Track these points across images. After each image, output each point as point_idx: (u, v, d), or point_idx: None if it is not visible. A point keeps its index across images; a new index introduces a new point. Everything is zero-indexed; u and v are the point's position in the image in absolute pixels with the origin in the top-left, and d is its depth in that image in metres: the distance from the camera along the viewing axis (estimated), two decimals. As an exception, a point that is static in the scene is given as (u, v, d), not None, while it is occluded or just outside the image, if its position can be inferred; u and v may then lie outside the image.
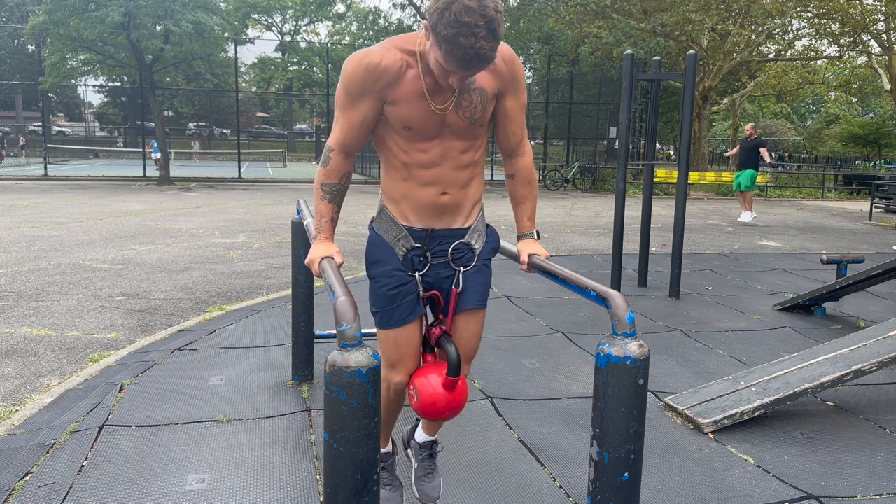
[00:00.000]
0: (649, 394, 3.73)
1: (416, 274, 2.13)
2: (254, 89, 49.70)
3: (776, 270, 7.97)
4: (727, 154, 15.39)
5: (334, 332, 1.97)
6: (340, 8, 34.36)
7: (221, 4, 22.81)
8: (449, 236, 2.14)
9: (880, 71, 24.49)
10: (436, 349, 2.24)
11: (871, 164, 36.29)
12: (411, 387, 2.16)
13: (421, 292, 2.14)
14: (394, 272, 2.11)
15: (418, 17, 26.47)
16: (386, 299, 2.13)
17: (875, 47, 24.28)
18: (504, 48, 2.02)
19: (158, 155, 24.79)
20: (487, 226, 2.28)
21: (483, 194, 2.23)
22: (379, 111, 2.00)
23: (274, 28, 50.11)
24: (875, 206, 15.43)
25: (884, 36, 22.69)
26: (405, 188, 2.07)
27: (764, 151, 12.95)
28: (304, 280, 3.82)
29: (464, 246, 2.16)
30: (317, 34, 51.36)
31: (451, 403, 2.10)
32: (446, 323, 2.18)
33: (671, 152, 48.36)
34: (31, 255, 7.88)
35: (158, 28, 18.66)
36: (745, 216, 13.24)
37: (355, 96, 1.96)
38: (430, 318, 2.22)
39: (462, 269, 2.16)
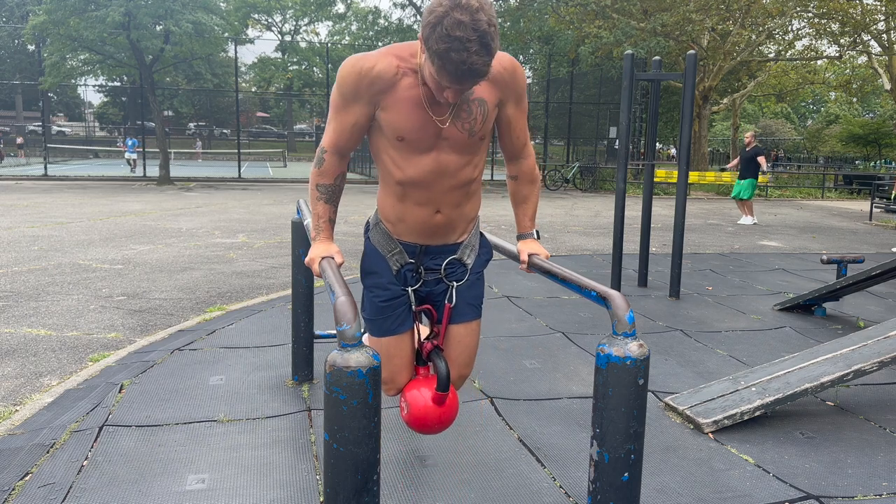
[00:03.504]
0: (649, 394, 3.73)
1: (409, 289, 2.14)
2: (254, 89, 49.65)
3: (776, 270, 7.97)
4: (728, 166, 15.40)
5: (334, 332, 1.97)
6: (340, 8, 34.34)
7: (221, 4, 22.78)
8: (442, 252, 2.14)
9: (880, 71, 24.48)
10: (428, 363, 2.25)
11: (872, 164, 36.27)
12: (402, 399, 2.17)
13: (413, 307, 2.15)
14: (388, 285, 2.12)
15: (418, 17, 26.46)
16: (377, 309, 2.15)
17: (875, 47, 24.28)
18: (504, 57, 1.97)
19: (134, 155, 24.64)
20: (481, 234, 2.28)
21: (479, 209, 2.22)
22: (371, 116, 1.98)
23: (274, 28, 50.09)
24: (875, 206, 15.43)
25: (884, 36, 22.68)
26: (401, 209, 2.06)
27: (762, 160, 12.98)
28: (304, 280, 3.82)
29: (456, 261, 2.16)
30: (317, 34, 51.33)
31: (441, 417, 2.12)
32: (440, 336, 2.19)
33: (672, 151, 48.34)
34: (31, 255, 7.88)
35: (158, 28, 18.66)
36: (746, 220, 13.27)
37: (348, 100, 1.95)
38: (427, 331, 2.23)
39: (455, 283, 2.17)
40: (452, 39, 1.65)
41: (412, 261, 2.13)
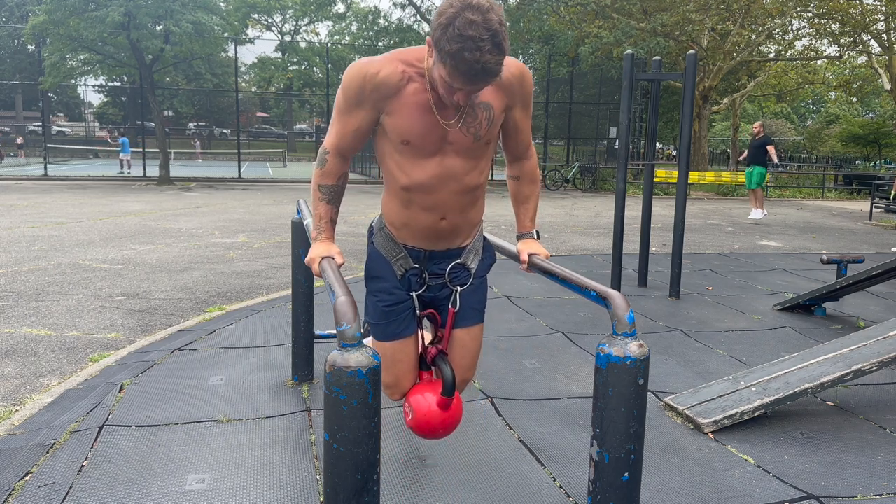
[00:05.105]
0: (649, 394, 3.73)
1: (413, 294, 2.14)
2: (254, 89, 49.65)
3: (776, 270, 7.97)
4: (740, 158, 15.41)
5: (334, 332, 1.97)
6: (340, 8, 34.36)
7: (221, 4, 22.78)
8: (446, 256, 2.14)
9: (880, 71, 24.47)
10: (432, 367, 2.25)
11: (872, 164, 36.28)
12: (406, 404, 2.17)
13: (417, 312, 2.15)
14: (392, 290, 2.12)
15: (418, 17, 26.46)
16: (382, 314, 2.15)
17: (875, 47, 24.27)
18: (512, 63, 1.98)
19: (127, 155, 24.65)
20: (484, 238, 2.28)
21: (483, 215, 2.22)
22: (374, 121, 1.98)
23: (274, 28, 50.09)
24: (875, 206, 15.43)
25: (884, 36, 22.67)
26: (406, 215, 2.06)
27: (771, 150, 13.04)
28: (304, 280, 3.82)
29: (460, 266, 2.16)
30: (317, 34, 51.33)
31: (446, 422, 2.11)
32: (443, 341, 2.19)
33: (672, 151, 48.33)
34: (31, 255, 7.88)
35: (158, 28, 18.66)
36: (756, 213, 13.32)
37: (352, 104, 1.95)
38: (430, 336, 2.24)
39: (459, 288, 2.16)
40: (465, 39, 1.65)
41: (416, 265, 2.13)
